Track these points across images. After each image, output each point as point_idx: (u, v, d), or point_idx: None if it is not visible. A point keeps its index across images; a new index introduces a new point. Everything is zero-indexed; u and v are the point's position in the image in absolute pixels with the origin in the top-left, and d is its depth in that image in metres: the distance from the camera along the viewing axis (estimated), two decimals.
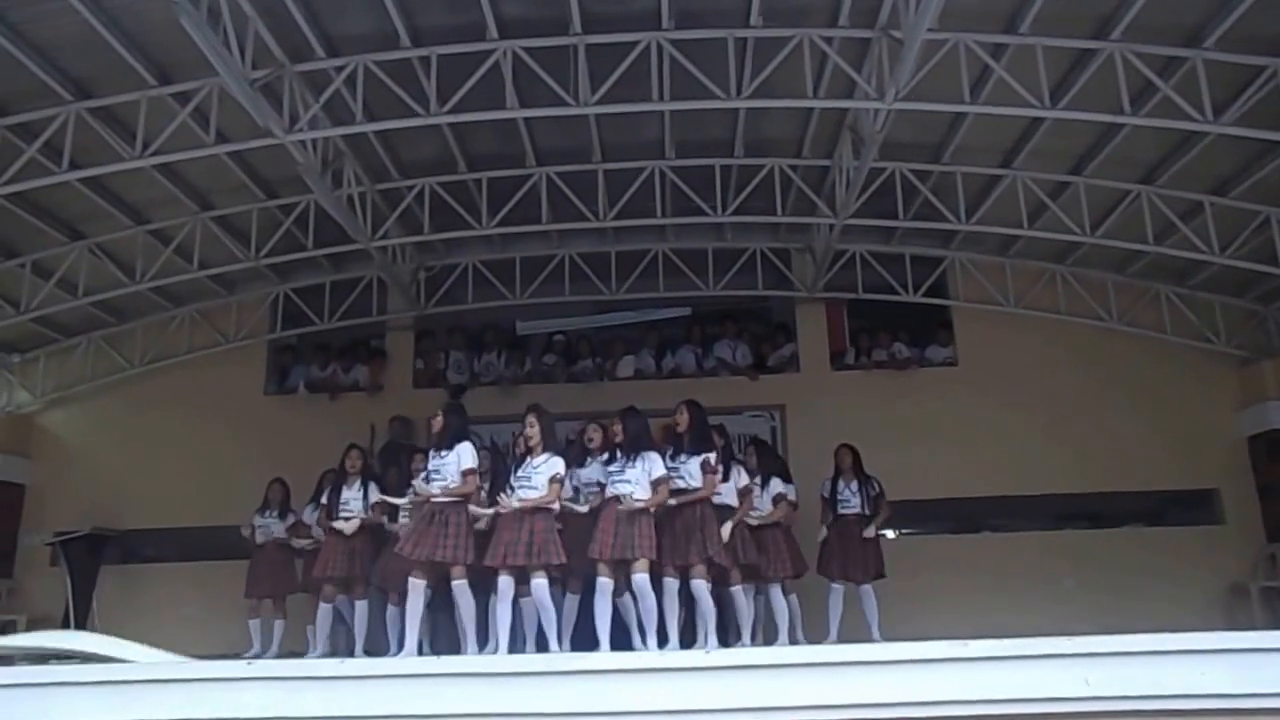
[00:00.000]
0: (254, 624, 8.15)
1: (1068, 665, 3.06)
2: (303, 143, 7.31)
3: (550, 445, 6.20)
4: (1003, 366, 10.10)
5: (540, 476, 6.04)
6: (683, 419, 6.59)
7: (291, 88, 7.04)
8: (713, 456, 6.48)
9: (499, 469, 7.07)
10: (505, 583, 5.94)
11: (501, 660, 4.01)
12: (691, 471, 6.40)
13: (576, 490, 6.87)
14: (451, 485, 6.01)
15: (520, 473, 6.16)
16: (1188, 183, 8.54)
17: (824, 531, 7.81)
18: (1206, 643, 3.10)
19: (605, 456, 6.62)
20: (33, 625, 9.70)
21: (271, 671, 3.04)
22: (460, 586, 5.96)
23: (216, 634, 8.35)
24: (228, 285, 10.59)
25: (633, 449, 6.26)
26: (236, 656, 7.75)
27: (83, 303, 9.65)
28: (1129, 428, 9.82)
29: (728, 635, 6.82)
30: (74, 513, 9.86)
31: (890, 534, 9.96)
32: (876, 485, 7.89)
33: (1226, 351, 10.10)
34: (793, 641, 7.36)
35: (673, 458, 6.48)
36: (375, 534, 7.49)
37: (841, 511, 7.78)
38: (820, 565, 7.78)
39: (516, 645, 6.30)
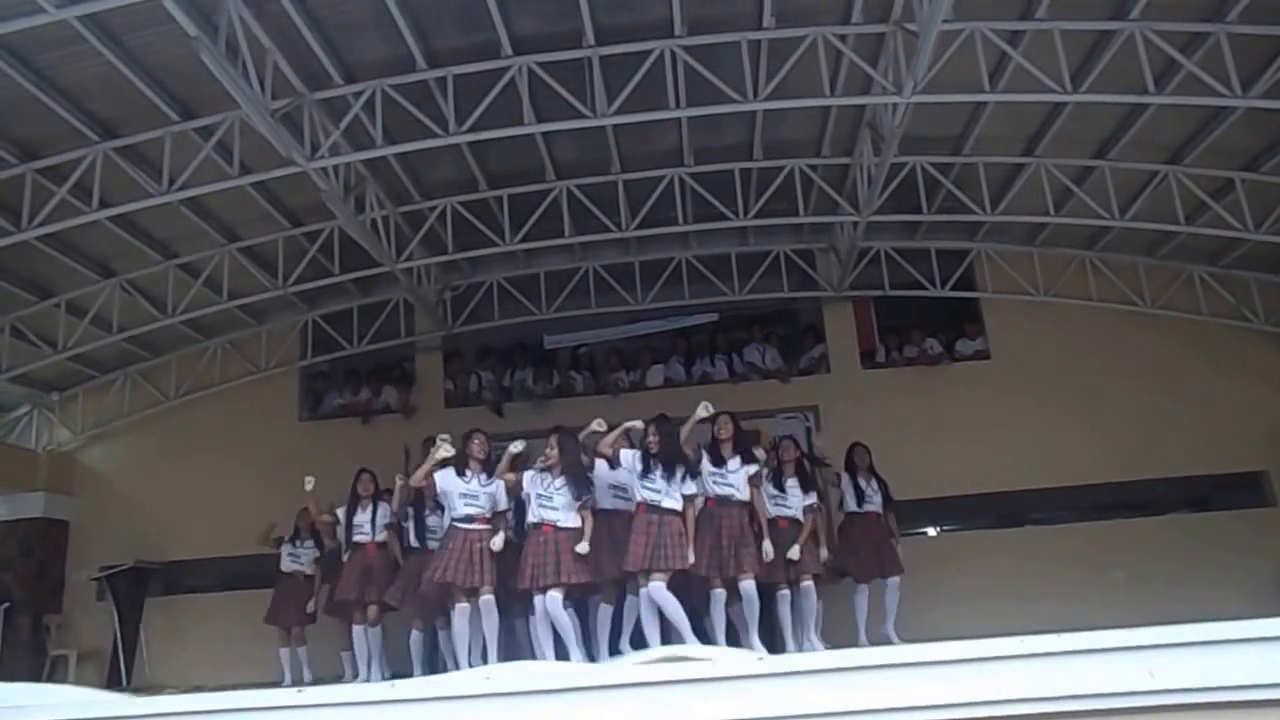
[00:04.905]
0: (284, 653, 8.26)
1: (1130, 658, 2.94)
2: (325, 170, 7.37)
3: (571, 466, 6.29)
4: (1036, 357, 9.96)
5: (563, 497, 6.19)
6: (727, 428, 6.59)
7: (311, 116, 7.10)
8: (762, 471, 6.53)
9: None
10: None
11: (577, 670, 3.93)
12: (737, 483, 6.41)
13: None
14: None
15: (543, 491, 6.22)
16: (1217, 160, 8.40)
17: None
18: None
19: (639, 466, 6.42)
20: (83, 660, 9.83)
21: (326, 698, 3.00)
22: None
23: (263, 663, 8.39)
24: (257, 315, 10.68)
25: (668, 461, 6.24)
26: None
27: (117, 339, 9.76)
28: (1169, 412, 9.63)
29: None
30: (117, 547, 10.01)
31: (932, 531, 9.88)
32: (886, 486, 7.89)
33: (1266, 330, 9.89)
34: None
35: (717, 465, 6.48)
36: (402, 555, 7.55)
37: (866, 508, 7.74)
38: (848, 566, 7.69)
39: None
